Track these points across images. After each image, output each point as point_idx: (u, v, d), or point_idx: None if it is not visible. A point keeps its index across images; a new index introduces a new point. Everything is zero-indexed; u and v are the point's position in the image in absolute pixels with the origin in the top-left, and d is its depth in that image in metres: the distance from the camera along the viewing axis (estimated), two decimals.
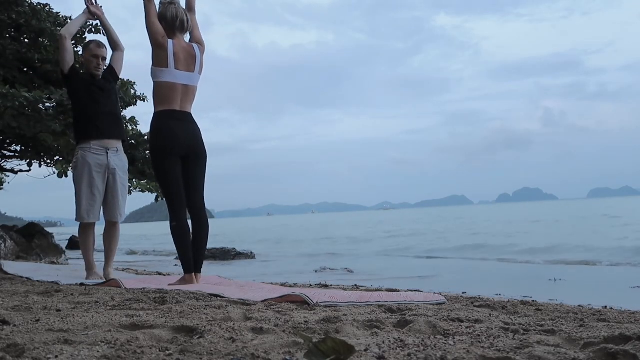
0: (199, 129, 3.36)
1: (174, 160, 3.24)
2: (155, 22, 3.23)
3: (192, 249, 3.22)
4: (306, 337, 1.16)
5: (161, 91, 3.23)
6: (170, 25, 3.28)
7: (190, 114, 3.32)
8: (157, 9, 3.29)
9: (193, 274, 3.21)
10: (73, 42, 7.77)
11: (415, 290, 3.05)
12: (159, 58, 3.21)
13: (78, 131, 3.85)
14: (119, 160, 3.86)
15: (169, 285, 3.12)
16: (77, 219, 3.82)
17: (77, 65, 4.02)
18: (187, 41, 3.39)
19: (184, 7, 3.42)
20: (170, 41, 3.25)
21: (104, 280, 3.50)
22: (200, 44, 3.41)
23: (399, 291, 2.97)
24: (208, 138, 3.45)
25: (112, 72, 4.00)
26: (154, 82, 3.26)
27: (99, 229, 4.02)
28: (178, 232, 3.20)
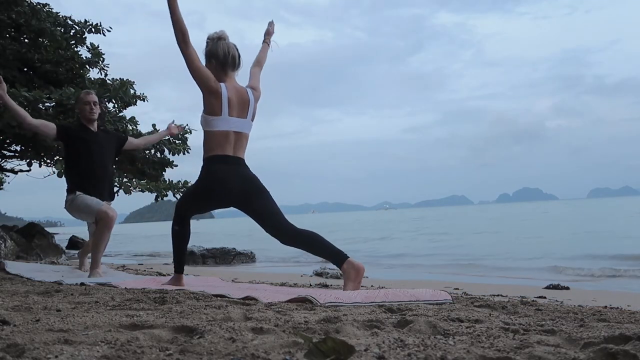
0: (252, 172, 3.10)
1: (209, 202, 3.12)
2: (201, 67, 2.96)
3: (329, 246, 2.98)
4: (306, 337, 1.16)
5: (213, 139, 3.00)
6: (222, 62, 3.04)
7: (242, 159, 3.08)
8: (206, 46, 3.08)
9: (182, 274, 3.25)
10: (73, 42, 7.77)
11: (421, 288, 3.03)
12: (212, 105, 2.96)
13: (73, 184, 4.03)
14: None
15: (162, 284, 3.19)
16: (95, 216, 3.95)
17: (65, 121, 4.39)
18: (241, 83, 3.15)
19: (254, 61, 3.29)
20: (222, 85, 2.99)
21: (104, 279, 3.51)
22: (256, 89, 3.18)
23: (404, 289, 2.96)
24: None
25: (120, 139, 4.36)
26: (205, 130, 3.03)
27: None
28: (178, 235, 3.20)
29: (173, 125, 4.68)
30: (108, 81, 7.86)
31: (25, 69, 7.23)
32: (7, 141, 8.10)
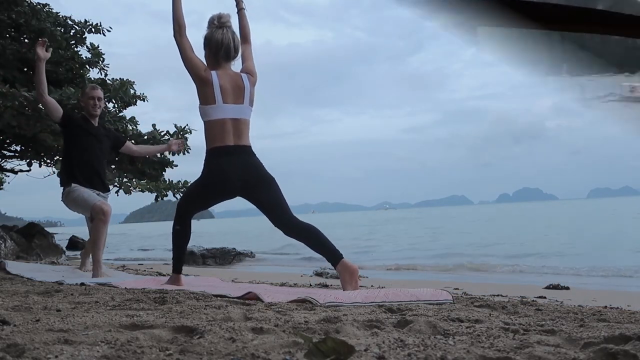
0: (256, 160, 3.06)
1: (213, 197, 3.13)
2: (192, 57, 3.01)
3: (326, 243, 3.04)
4: (306, 337, 1.16)
5: (211, 129, 2.99)
6: (214, 53, 3.03)
7: (247, 147, 3.03)
8: (206, 30, 3.07)
9: (181, 274, 3.26)
10: (73, 42, 7.77)
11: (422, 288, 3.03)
12: (205, 95, 2.98)
13: (68, 175, 4.10)
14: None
15: (161, 285, 3.19)
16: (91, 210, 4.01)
17: (72, 109, 4.52)
18: (238, 70, 3.14)
19: (240, 37, 3.16)
20: (213, 73, 2.99)
21: (104, 279, 3.51)
22: (251, 74, 3.13)
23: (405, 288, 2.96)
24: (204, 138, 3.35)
25: (118, 139, 4.49)
26: (204, 121, 3.04)
27: (111, 229, 4.24)
28: (179, 235, 3.20)
29: (174, 141, 4.75)
30: (108, 81, 7.87)
31: (25, 69, 7.23)
32: (7, 141, 8.10)
